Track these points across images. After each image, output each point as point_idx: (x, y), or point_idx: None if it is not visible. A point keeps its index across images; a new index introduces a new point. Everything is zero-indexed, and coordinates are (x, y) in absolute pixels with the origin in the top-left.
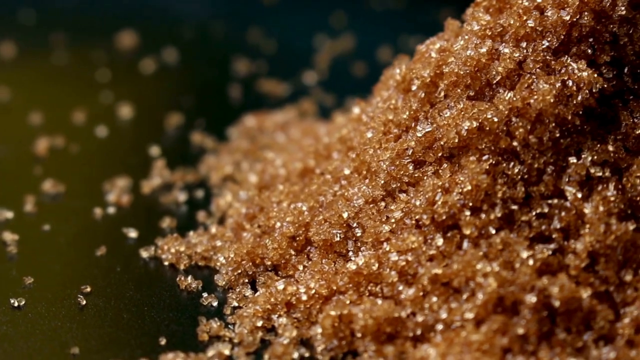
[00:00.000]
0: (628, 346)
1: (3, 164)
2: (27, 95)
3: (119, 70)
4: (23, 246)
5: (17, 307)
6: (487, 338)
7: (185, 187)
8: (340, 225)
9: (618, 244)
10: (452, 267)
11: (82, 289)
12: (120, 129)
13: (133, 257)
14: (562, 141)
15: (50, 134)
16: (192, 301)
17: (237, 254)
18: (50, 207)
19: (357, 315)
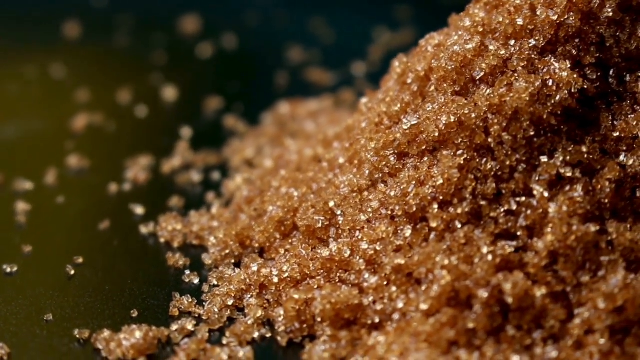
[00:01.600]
0: (575, 347)
1: (38, 137)
2: (80, 74)
3: (175, 54)
4: (33, 216)
5: (8, 273)
6: (434, 330)
7: (205, 169)
8: (325, 212)
9: (578, 245)
10: (414, 259)
11: (74, 260)
12: (160, 110)
13: (133, 232)
14: (535, 140)
15: (91, 112)
16: (176, 278)
17: (226, 235)
18: (70, 181)
19: (315, 300)
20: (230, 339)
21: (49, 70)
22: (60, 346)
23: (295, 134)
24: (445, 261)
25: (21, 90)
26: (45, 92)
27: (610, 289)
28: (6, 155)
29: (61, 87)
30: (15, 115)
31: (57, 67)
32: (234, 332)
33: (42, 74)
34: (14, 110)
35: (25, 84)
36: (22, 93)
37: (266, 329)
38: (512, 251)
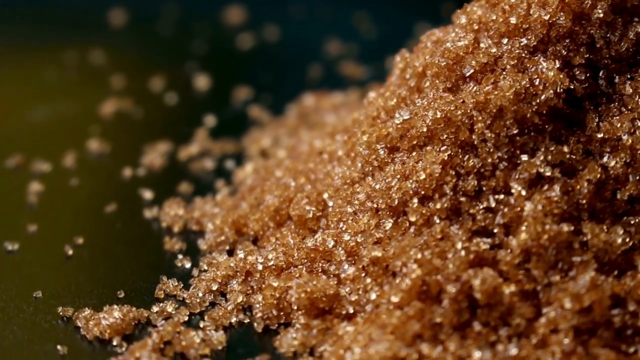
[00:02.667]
0: (538, 345)
1: (65, 121)
2: (118, 61)
3: (216, 44)
4: (44, 197)
5: (9, 250)
6: (400, 322)
7: (221, 157)
8: (318, 203)
9: (550, 244)
10: (390, 251)
11: (75, 241)
12: (190, 98)
13: (137, 216)
14: (518, 138)
15: (122, 98)
16: (169, 262)
17: (222, 222)
18: (87, 164)
19: (291, 288)
20: (207, 323)
21: (89, 56)
22: (42, 322)
23: (315, 125)
24: (418, 255)
25: (58, 75)
26: (81, 77)
27: (577, 289)
28: (31, 137)
29: (98, 72)
30: (48, 99)
31: (97, 53)
32: (211, 317)
33: (82, 60)
34: (48, 94)
35: (63, 68)
36: (59, 77)
37: (245, 315)
38: (487, 248)
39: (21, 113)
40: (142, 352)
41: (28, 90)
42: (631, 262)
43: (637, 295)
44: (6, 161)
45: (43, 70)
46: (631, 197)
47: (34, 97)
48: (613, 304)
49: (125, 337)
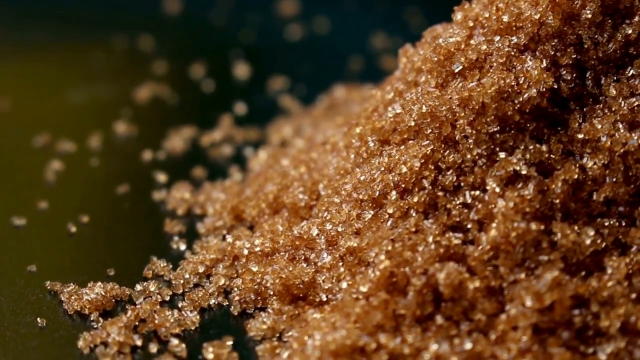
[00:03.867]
0: (496, 341)
1: (101, 104)
2: (165, 47)
3: (263, 34)
4: (61, 176)
5: (16, 225)
6: (363, 312)
7: (242, 144)
8: (312, 192)
9: (517, 242)
10: (364, 242)
11: (80, 219)
12: (227, 87)
13: (146, 198)
14: (498, 136)
15: (159, 83)
16: (166, 243)
17: (222, 206)
18: (110, 146)
19: (266, 274)
20: (185, 304)
21: (138, 42)
22: (30, 295)
23: (338, 116)
24: (388, 247)
25: (105, 59)
26: (126, 62)
27: (538, 288)
28: (63, 118)
29: (143, 58)
30: (89, 82)
31: (146, 39)
32: (190, 297)
33: (130, 45)
34: (91, 77)
35: (110, 52)
36: (105, 61)
37: (225, 298)
38: (459, 243)
39: (60, 94)
40: (112, 328)
41: (72, 73)
42: (600, 264)
43: (601, 297)
44: (34, 139)
45: (90, 54)
46: (607, 199)
47: (76, 79)
48: (576, 304)
49: (106, 313)
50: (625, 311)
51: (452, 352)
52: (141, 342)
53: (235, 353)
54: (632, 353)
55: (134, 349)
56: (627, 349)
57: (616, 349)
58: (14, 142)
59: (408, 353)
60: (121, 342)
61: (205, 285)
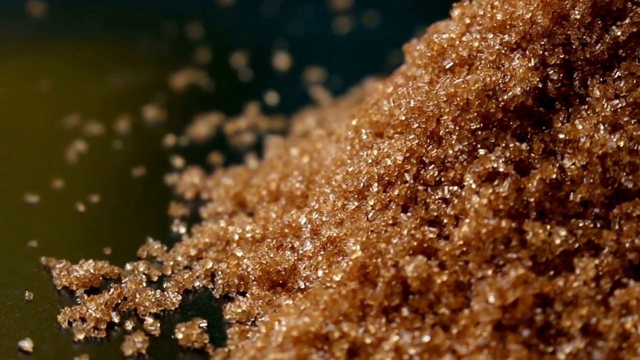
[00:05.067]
0: (459, 336)
1: (137, 89)
2: (211, 35)
3: (312, 27)
4: (82, 156)
5: (28, 202)
6: (331, 300)
7: (265, 133)
8: (310, 182)
9: (487, 238)
10: (342, 232)
11: (89, 198)
12: (264, 77)
13: (160, 182)
14: (479, 132)
15: (198, 70)
16: (168, 226)
17: (226, 192)
18: (136, 131)
19: (246, 260)
20: (170, 284)
21: (186, 30)
22: (24, 269)
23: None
24: (363, 237)
25: (151, 45)
26: (172, 49)
27: (502, 285)
28: (96, 101)
29: (188, 46)
30: (133, 67)
31: (194, 26)
32: (175, 279)
33: (179, 32)
34: (135, 62)
35: (157, 39)
36: (151, 47)
37: (211, 281)
38: (434, 237)
39: (100, 78)
40: (91, 304)
41: (117, 58)
42: (571, 265)
43: (566, 297)
44: (64, 120)
45: (138, 40)
46: (583, 200)
47: (119, 65)
48: (541, 303)
49: (93, 290)
50: (587, 312)
51: (412, 344)
52: (119, 319)
53: (206, 335)
54: (590, 354)
55: (111, 325)
56: (586, 350)
57: (575, 349)
58: (45, 122)
59: (369, 343)
60: (98, 318)
61: (194, 268)
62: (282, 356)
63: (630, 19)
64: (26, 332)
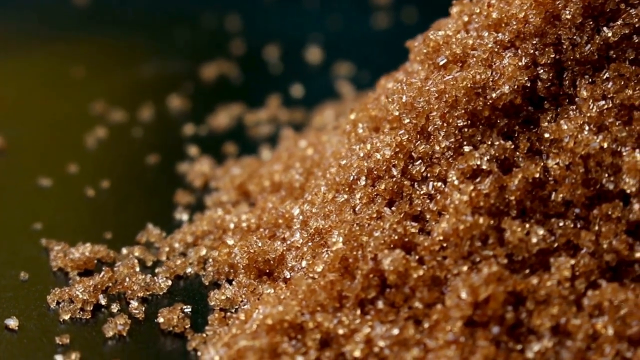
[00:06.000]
0: (431, 330)
1: (167, 78)
2: (249, 27)
3: (350, 22)
4: (101, 142)
5: (41, 185)
6: (309, 290)
7: (284, 125)
8: (309, 174)
9: (465, 235)
10: (328, 224)
11: (100, 183)
12: (293, 70)
13: (172, 170)
14: (466, 130)
15: (230, 62)
16: (171, 213)
17: (231, 182)
18: (159, 119)
19: (234, 249)
20: (162, 270)
21: (224, 21)
22: (24, 250)
23: None
24: (346, 230)
25: (189, 36)
26: (208, 40)
27: (474, 281)
28: (125, 88)
29: (225, 37)
30: (166, 57)
31: (232, 18)
32: (167, 264)
33: (218, 24)
34: (170, 52)
35: (195, 30)
36: (189, 38)
37: (202, 268)
38: (415, 232)
39: (133, 67)
40: (79, 286)
41: (151, 47)
42: (547, 264)
43: (539, 295)
44: (90, 106)
45: (176, 30)
46: (565, 200)
47: (153, 55)
48: (515, 301)
49: (87, 273)
50: (558, 311)
51: (382, 336)
52: (106, 302)
53: (187, 320)
54: (558, 353)
55: (99, 307)
56: (554, 349)
57: (544, 348)
58: (71, 107)
59: (342, 334)
60: (85, 299)
61: (188, 255)
62: (253, 343)
63: (622, 20)
64: (15, 311)
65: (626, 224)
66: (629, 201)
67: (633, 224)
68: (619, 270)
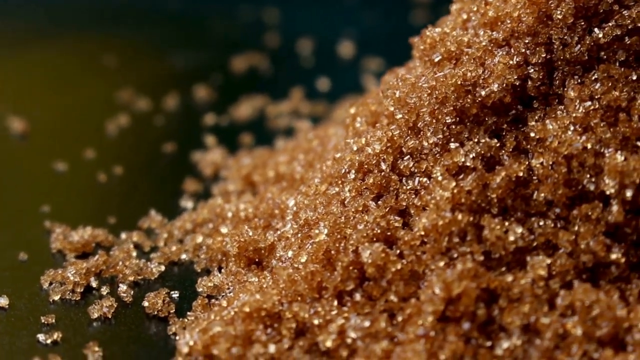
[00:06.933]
0: (404, 324)
1: (196, 69)
2: (286, 21)
3: (389, 18)
4: (121, 130)
5: (58, 170)
6: (289, 280)
7: (307, 118)
8: (310, 165)
9: (443, 231)
10: (315, 215)
11: (113, 169)
12: (324, 63)
13: (186, 158)
14: (453, 127)
15: (262, 54)
16: (177, 200)
17: (237, 173)
18: (184, 107)
19: (225, 237)
20: (157, 255)
21: (262, 14)
22: (28, 232)
23: None
24: (330, 222)
25: (224, 28)
26: (244, 32)
27: (447, 277)
28: (153, 78)
29: (261, 29)
30: (201, 49)
31: (271, 12)
32: (163, 250)
33: (256, 17)
34: (204, 44)
35: (232, 22)
36: (224, 30)
37: (196, 255)
38: (399, 226)
39: (165, 58)
40: (71, 268)
41: (186, 38)
42: (524, 262)
43: (512, 293)
44: (118, 94)
45: (212, 22)
46: (547, 199)
47: (187, 46)
48: (489, 298)
49: (85, 255)
50: (529, 310)
51: (354, 328)
52: (97, 285)
53: (172, 305)
54: (527, 352)
55: (90, 290)
56: (523, 347)
57: (512, 345)
58: (98, 95)
59: (317, 324)
60: (75, 281)
61: (185, 241)
62: (226, 329)
63: (615, 21)
64: (7, 290)
65: (605, 225)
66: (609, 202)
67: (612, 226)
68: (596, 271)
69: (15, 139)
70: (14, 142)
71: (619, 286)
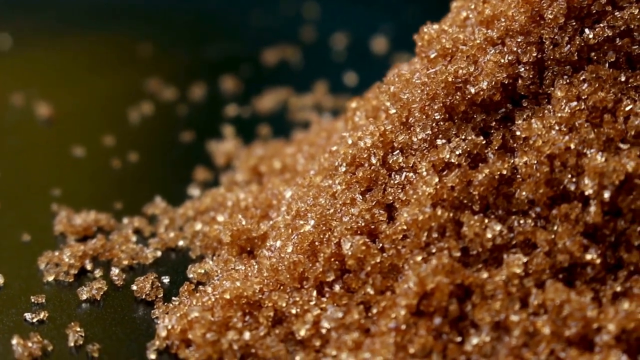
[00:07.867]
0: (378, 316)
1: (227, 61)
2: (325, 15)
3: (430, 15)
4: (142, 118)
5: (74, 154)
6: (273, 269)
7: (328, 111)
8: (312, 158)
9: (423, 226)
10: (306, 207)
11: (127, 157)
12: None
13: (198, 151)
14: (442, 123)
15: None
16: (185, 188)
17: (242, 166)
18: (209, 97)
19: (218, 226)
20: (154, 241)
21: (302, 8)
22: (35, 214)
23: None
24: (317, 213)
25: (261, 20)
26: (282, 26)
27: (421, 271)
28: (183, 69)
29: (298, 23)
30: (233, 40)
31: (311, 5)
32: (161, 236)
33: (295, 10)
34: (242, 36)
35: (272, 15)
36: (261, 22)
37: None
38: (383, 220)
39: (198, 47)
40: (67, 251)
41: (223, 29)
42: (501, 260)
43: (486, 290)
44: (146, 83)
45: (251, 14)
46: (529, 198)
47: (223, 37)
48: (463, 294)
49: (86, 239)
50: (500, 307)
51: (328, 318)
52: (91, 267)
53: (160, 289)
54: (495, 348)
55: (85, 272)
56: (491, 343)
57: (482, 341)
58: (129, 83)
59: (294, 313)
60: (70, 264)
61: (184, 228)
62: (203, 315)
63: (606, 22)
64: (5, 270)
65: (584, 225)
66: (588, 203)
67: (591, 227)
68: (573, 271)
69: (41, 124)
70: (38, 127)
71: (593, 287)
